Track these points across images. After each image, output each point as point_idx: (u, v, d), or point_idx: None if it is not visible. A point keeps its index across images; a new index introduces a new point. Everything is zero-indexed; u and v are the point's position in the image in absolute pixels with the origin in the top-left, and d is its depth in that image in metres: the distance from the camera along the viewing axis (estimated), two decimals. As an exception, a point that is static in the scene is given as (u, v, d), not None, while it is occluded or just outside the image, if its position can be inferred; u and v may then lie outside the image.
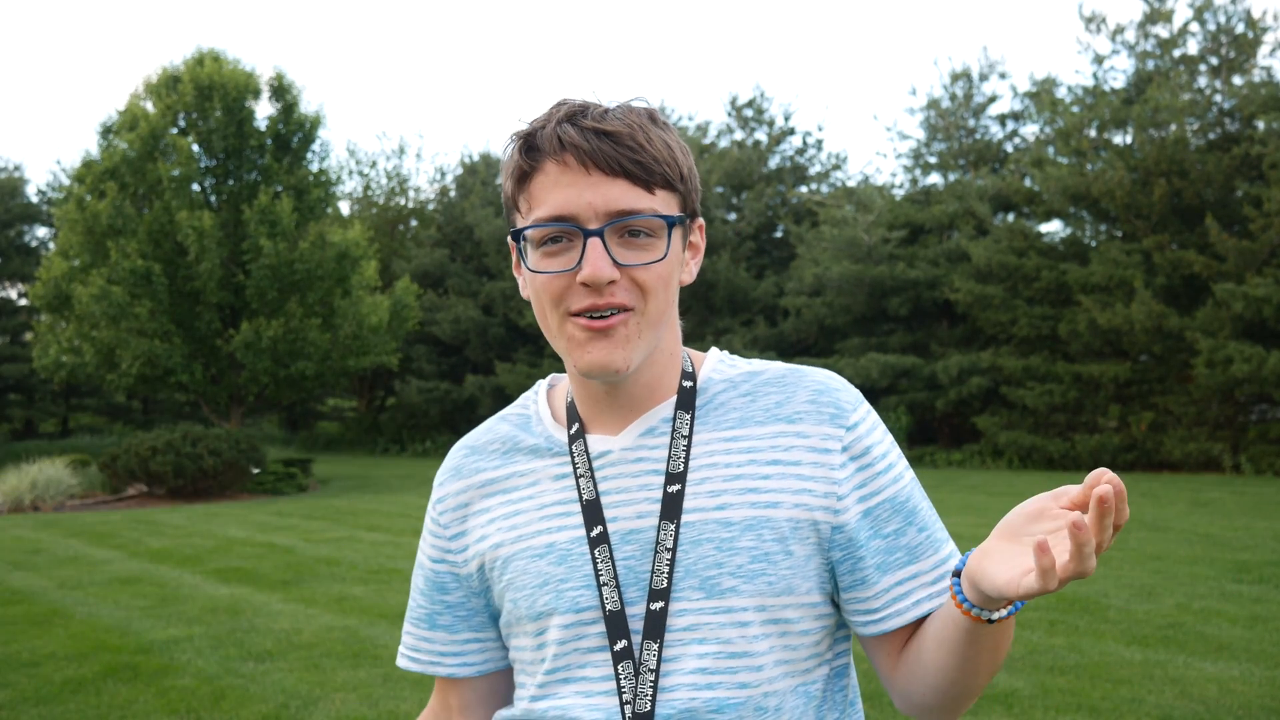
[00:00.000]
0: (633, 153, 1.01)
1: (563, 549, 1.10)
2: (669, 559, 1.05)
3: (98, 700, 4.84)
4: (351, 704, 4.72)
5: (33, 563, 9.05)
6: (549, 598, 1.09)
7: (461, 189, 31.87)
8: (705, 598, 1.05)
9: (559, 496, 1.12)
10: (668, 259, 1.04)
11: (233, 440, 16.32)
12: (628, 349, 1.04)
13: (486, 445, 1.19)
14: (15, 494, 14.68)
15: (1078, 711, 4.45)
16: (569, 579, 1.08)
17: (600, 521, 1.08)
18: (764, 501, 1.08)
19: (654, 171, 1.02)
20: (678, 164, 1.05)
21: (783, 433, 1.10)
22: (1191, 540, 9.25)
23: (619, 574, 1.07)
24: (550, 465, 1.14)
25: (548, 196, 1.02)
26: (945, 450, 21.15)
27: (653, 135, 1.04)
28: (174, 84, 19.58)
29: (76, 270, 18.64)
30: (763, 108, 27.28)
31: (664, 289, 1.05)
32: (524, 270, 1.09)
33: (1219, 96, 19.21)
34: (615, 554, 1.07)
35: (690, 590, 1.05)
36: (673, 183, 1.05)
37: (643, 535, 1.08)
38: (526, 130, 1.06)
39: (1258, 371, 16.46)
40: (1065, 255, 20.74)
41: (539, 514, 1.12)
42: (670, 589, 1.05)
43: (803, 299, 22.86)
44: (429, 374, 29.45)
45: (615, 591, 1.06)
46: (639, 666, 1.04)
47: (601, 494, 1.10)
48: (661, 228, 1.03)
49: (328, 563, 8.74)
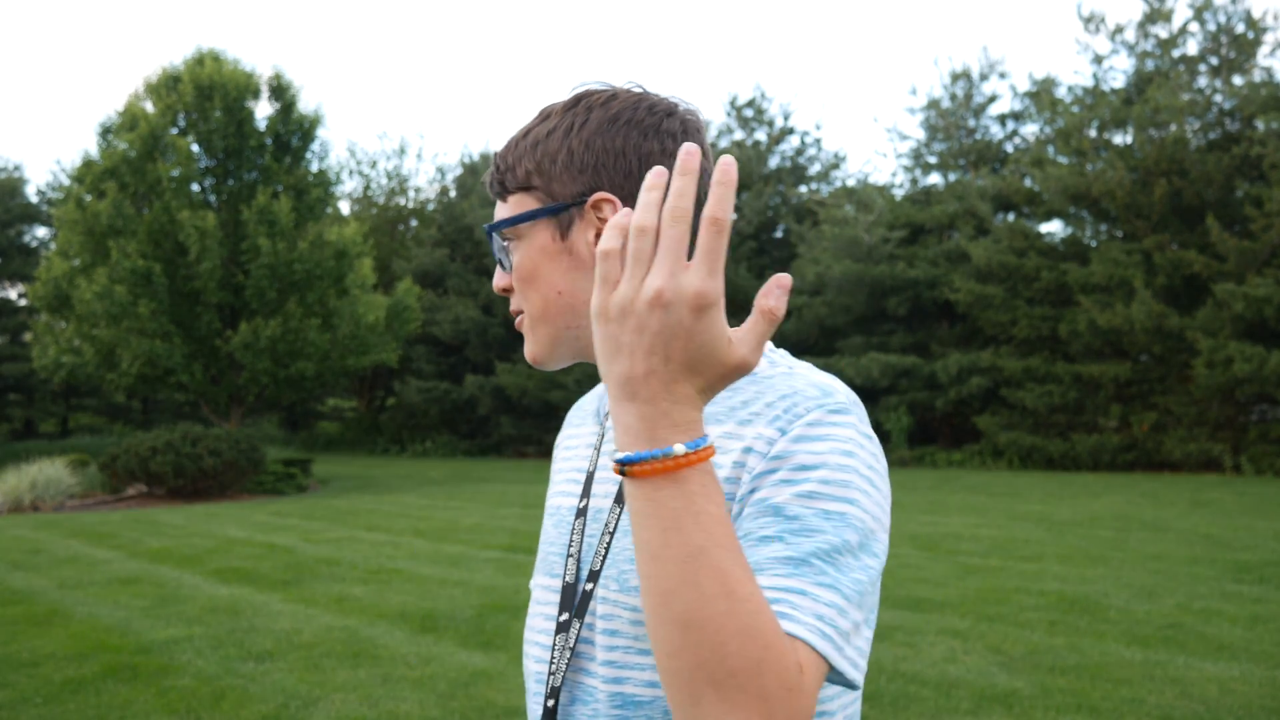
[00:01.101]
0: (497, 172, 1.08)
1: (562, 515, 1.15)
2: (608, 544, 1.05)
3: (98, 700, 4.83)
4: (351, 704, 4.72)
5: (33, 563, 9.05)
6: (543, 557, 1.15)
7: (461, 189, 31.88)
8: (618, 590, 1.02)
9: (582, 464, 1.16)
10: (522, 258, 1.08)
11: (233, 440, 16.32)
12: (534, 344, 1.12)
13: (582, 404, 1.27)
14: (15, 494, 14.67)
15: (1078, 711, 4.44)
16: (555, 543, 1.14)
17: (588, 495, 1.11)
18: None
19: (501, 181, 1.08)
20: (535, 158, 1.05)
21: (730, 434, 0.96)
22: (1192, 540, 9.25)
23: (585, 548, 1.09)
24: (593, 432, 1.18)
25: None
26: (945, 450, 21.15)
27: (524, 139, 1.07)
28: (174, 84, 19.59)
29: (76, 270, 18.65)
30: (763, 108, 27.29)
31: (529, 285, 1.09)
32: None
33: (1219, 96, 19.20)
34: (589, 526, 1.10)
35: (609, 580, 1.04)
36: (521, 184, 1.07)
37: (605, 514, 1.10)
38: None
39: (1258, 371, 16.46)
40: (1065, 255, 20.74)
41: (565, 476, 1.18)
42: (601, 573, 1.05)
43: (803, 299, 22.86)
44: (429, 374, 29.45)
45: (575, 563, 1.08)
46: (569, 643, 1.05)
47: (599, 469, 1.12)
48: (512, 233, 1.08)
49: (328, 563, 8.73)
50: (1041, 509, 11.85)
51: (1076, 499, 13.20)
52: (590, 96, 1.08)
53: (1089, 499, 13.20)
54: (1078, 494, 13.94)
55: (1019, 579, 7.43)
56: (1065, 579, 7.44)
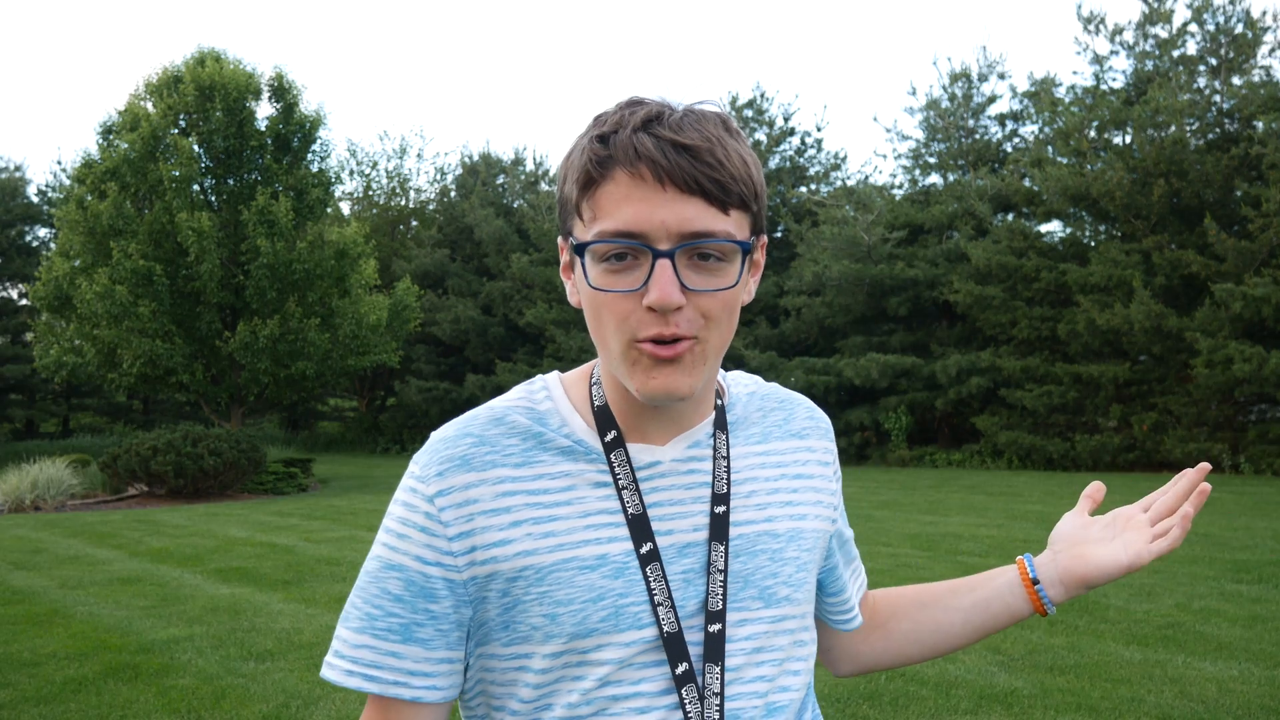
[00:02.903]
0: (711, 170, 0.94)
1: (617, 562, 1.02)
2: (722, 580, 1.04)
3: (98, 700, 4.84)
4: (351, 704, 4.73)
5: (33, 563, 9.06)
6: (606, 614, 1.01)
7: (462, 189, 31.89)
8: (764, 607, 1.08)
9: (601, 505, 1.03)
10: (737, 287, 0.98)
11: (233, 440, 16.33)
12: (694, 376, 0.98)
13: (499, 438, 1.06)
14: (16, 494, 14.68)
15: (1078, 711, 4.46)
16: (628, 594, 1.01)
17: (649, 538, 1.02)
18: (797, 514, 1.13)
19: (731, 191, 0.95)
20: (753, 181, 0.99)
21: (799, 448, 1.17)
22: (1191, 540, 9.26)
23: (673, 591, 1.03)
24: (586, 470, 1.05)
25: (617, 210, 0.95)
26: (945, 450, 21.16)
27: (730, 150, 0.97)
28: (175, 84, 19.60)
29: (77, 270, 18.67)
30: (762, 108, 27.29)
31: (729, 317, 0.99)
32: (575, 278, 1.04)
33: (1218, 97, 19.21)
34: (668, 570, 1.03)
35: (750, 600, 1.07)
36: (748, 202, 0.98)
37: (698, 550, 1.04)
38: (599, 133, 0.98)
39: (1257, 371, 16.46)
40: (1065, 255, 20.75)
41: (582, 522, 1.03)
42: (726, 609, 1.05)
43: (803, 299, 22.87)
44: (429, 374, 29.47)
45: (671, 612, 1.02)
46: (703, 691, 1.02)
47: (649, 507, 1.04)
48: (734, 252, 0.97)
49: (328, 563, 8.74)
50: (1041, 509, 11.86)
51: (1076, 499, 13.11)
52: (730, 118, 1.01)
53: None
54: (1077, 494, 13.76)
55: (1018, 579, 7.43)
56: (1064, 579, 7.44)
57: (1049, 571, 1.25)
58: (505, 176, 31.56)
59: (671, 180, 0.93)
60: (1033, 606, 1.24)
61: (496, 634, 1.04)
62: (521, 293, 27.39)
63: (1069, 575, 1.23)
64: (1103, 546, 1.23)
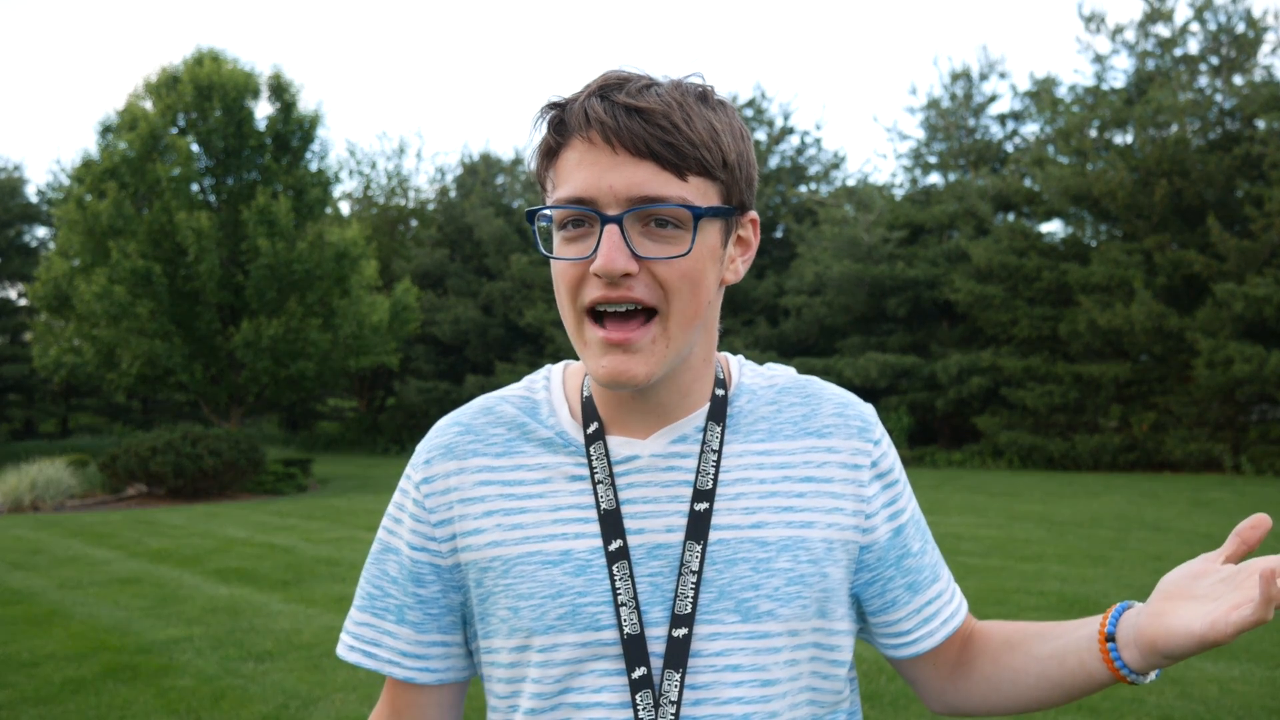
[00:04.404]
0: (664, 133, 0.91)
1: (581, 559, 0.99)
2: (694, 582, 0.98)
3: (97, 700, 4.83)
4: (351, 704, 4.72)
5: (33, 563, 9.05)
6: (563, 611, 0.99)
7: (461, 189, 31.87)
8: (740, 621, 0.98)
9: (574, 500, 1.01)
10: (692, 254, 0.93)
11: (233, 440, 16.32)
12: (650, 362, 0.95)
13: (485, 427, 1.06)
14: (15, 494, 14.67)
15: (1078, 711, 4.44)
16: (588, 593, 0.99)
17: (620, 535, 0.99)
18: (799, 521, 1.02)
19: (686, 155, 0.92)
20: (720, 149, 0.94)
21: (814, 448, 1.05)
22: (1192, 540, 9.25)
23: (639, 593, 0.99)
24: (564, 463, 1.03)
25: (570, 176, 0.93)
26: (945, 450, 21.15)
27: (694, 115, 0.93)
28: (173, 84, 19.59)
29: (77, 270, 18.66)
30: (762, 107, 27.28)
31: (690, 288, 0.94)
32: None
33: (1219, 96, 19.20)
34: (636, 570, 0.99)
35: (724, 613, 0.98)
36: (711, 169, 0.94)
37: (670, 551, 0.99)
38: (558, 101, 0.97)
39: (1258, 371, 16.45)
40: (1065, 255, 20.74)
41: (551, 516, 1.01)
42: (696, 614, 0.98)
43: (803, 298, 22.86)
44: (429, 374, 29.46)
45: (635, 614, 0.98)
46: (659, 697, 0.97)
47: (623, 503, 1.01)
48: (690, 219, 0.93)
49: (328, 563, 8.73)
50: (1041, 509, 11.85)
51: (1077, 499, 13.20)
52: (711, 91, 0.98)
53: (1089, 499, 13.19)
54: (1078, 494, 13.93)
55: (1019, 579, 7.42)
56: (1065, 579, 7.44)
57: (1128, 629, 1.00)
58: (505, 176, 31.54)
59: (621, 143, 0.91)
60: (1106, 668, 1.00)
61: (476, 623, 1.06)
62: (521, 293, 27.39)
63: (1142, 638, 0.97)
64: (1192, 607, 0.96)
